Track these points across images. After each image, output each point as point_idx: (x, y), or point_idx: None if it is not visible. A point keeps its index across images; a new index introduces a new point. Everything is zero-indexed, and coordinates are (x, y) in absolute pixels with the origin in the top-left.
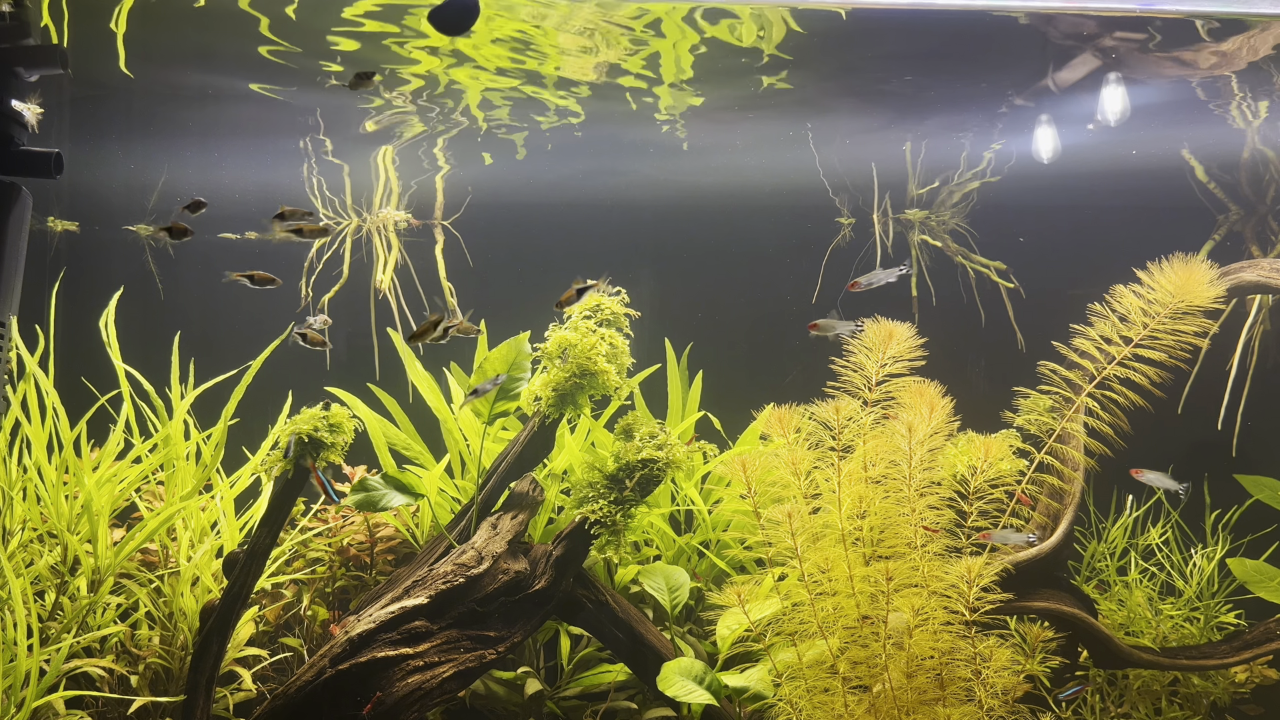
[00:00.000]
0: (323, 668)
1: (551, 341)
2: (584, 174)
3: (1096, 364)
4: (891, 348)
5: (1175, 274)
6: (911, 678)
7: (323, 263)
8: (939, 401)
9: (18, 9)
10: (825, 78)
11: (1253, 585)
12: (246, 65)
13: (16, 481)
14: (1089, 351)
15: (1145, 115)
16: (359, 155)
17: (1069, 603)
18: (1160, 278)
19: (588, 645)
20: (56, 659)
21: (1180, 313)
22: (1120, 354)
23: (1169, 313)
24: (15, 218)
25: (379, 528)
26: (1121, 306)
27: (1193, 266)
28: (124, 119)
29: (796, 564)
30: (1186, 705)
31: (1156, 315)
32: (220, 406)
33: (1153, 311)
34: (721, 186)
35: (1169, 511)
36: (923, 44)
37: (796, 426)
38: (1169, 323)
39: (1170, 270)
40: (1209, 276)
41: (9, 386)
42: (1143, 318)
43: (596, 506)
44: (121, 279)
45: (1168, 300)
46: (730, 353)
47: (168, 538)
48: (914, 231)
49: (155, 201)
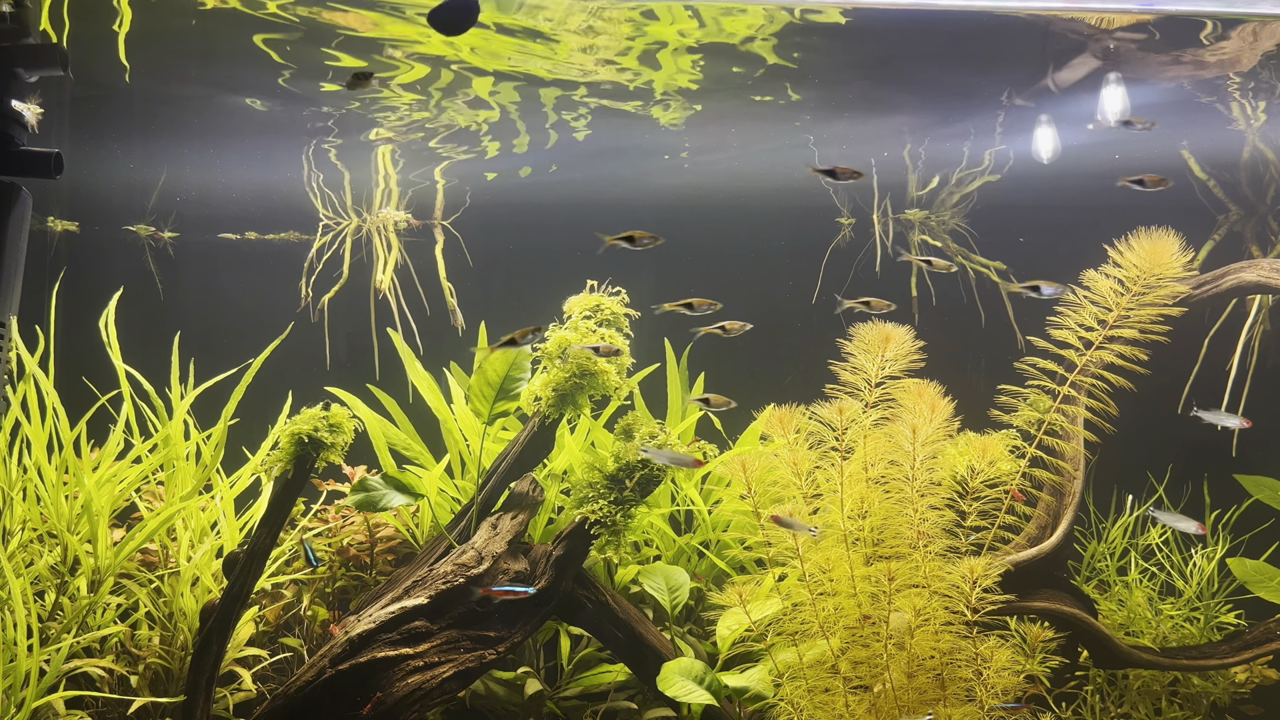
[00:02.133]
0: (323, 668)
1: (551, 341)
2: (584, 174)
3: (1082, 354)
4: (890, 349)
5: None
6: (912, 678)
7: (323, 263)
8: (940, 402)
9: (18, 9)
10: (825, 77)
11: (1253, 585)
12: (247, 66)
13: (16, 481)
14: (1074, 344)
15: (1145, 115)
16: (359, 155)
17: (1069, 603)
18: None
19: (588, 645)
20: (56, 659)
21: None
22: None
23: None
24: (15, 218)
25: (379, 528)
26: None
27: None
28: (124, 119)
29: (798, 564)
30: (1186, 705)
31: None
32: (220, 406)
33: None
34: (721, 186)
35: (1168, 511)
36: (923, 44)
37: (796, 427)
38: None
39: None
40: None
41: (9, 386)
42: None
43: (596, 506)
44: (121, 279)
45: (1138, 278)
46: (730, 353)
47: (168, 538)
48: (914, 231)
49: (155, 201)
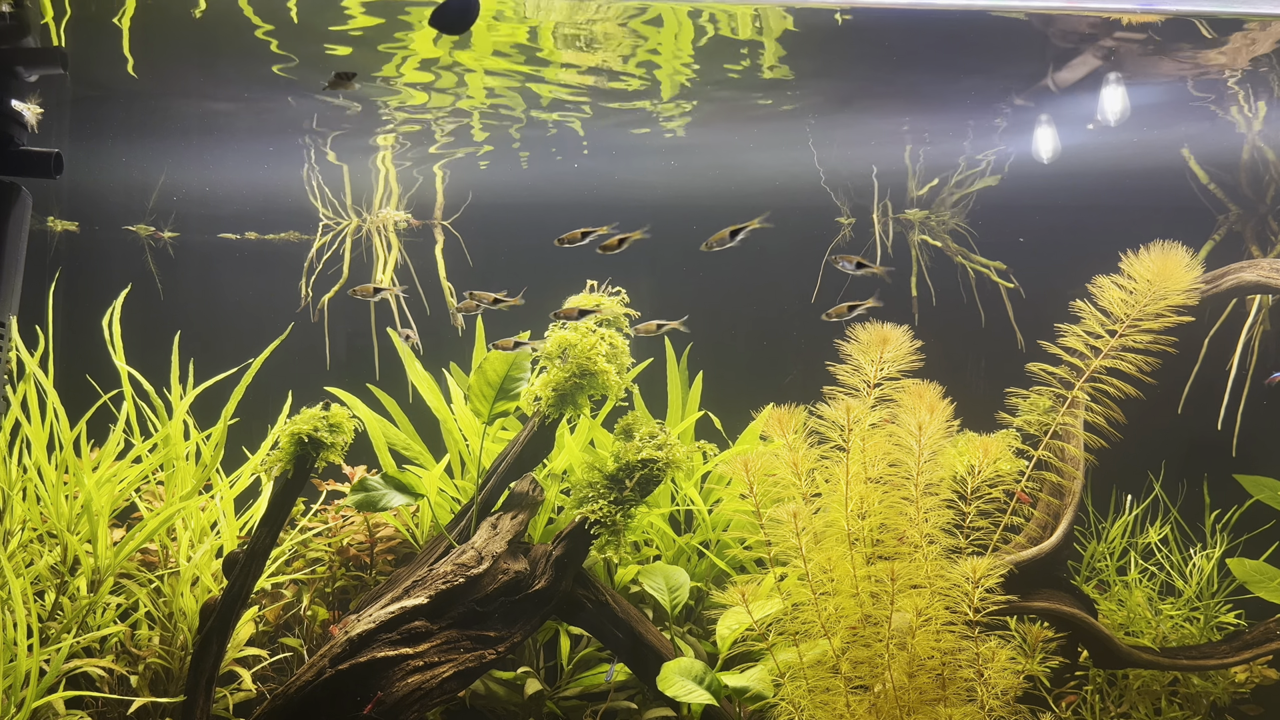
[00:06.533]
0: (323, 668)
1: (551, 341)
2: (585, 174)
3: (1087, 360)
4: (889, 350)
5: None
6: (913, 677)
7: (322, 262)
8: (940, 403)
9: (18, 9)
10: (825, 77)
11: (1253, 585)
12: (247, 66)
13: (16, 481)
14: (1080, 349)
15: (1145, 115)
16: (359, 156)
17: (1069, 603)
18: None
19: (588, 645)
20: (56, 659)
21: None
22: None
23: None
24: (15, 218)
25: (379, 528)
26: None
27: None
28: (124, 119)
29: (799, 563)
30: (1186, 705)
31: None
32: (220, 406)
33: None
34: (721, 186)
35: (1168, 511)
36: (923, 44)
37: (796, 427)
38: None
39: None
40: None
41: (9, 386)
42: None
43: (596, 506)
44: (121, 279)
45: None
46: (730, 353)
47: (168, 538)
48: (914, 231)
49: (155, 201)
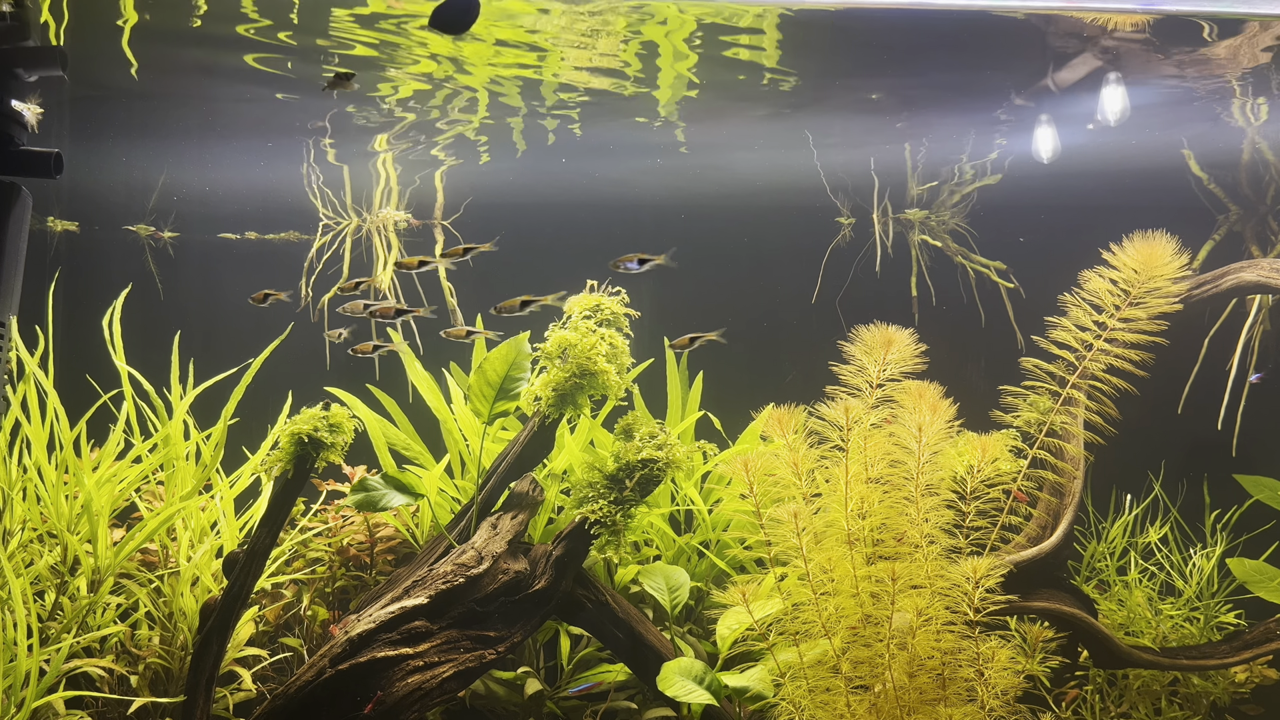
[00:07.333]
0: (323, 668)
1: (551, 341)
2: (584, 174)
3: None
4: (892, 352)
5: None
6: (913, 677)
7: (322, 262)
8: (941, 403)
9: (18, 9)
10: (824, 77)
11: (1253, 585)
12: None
13: (16, 481)
14: (1073, 344)
15: (1145, 115)
16: (358, 156)
17: (1069, 603)
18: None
19: (588, 645)
20: (56, 659)
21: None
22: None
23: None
24: (15, 218)
25: (379, 528)
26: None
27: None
28: (124, 119)
29: (800, 563)
30: (1186, 705)
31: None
32: (220, 406)
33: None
34: (721, 186)
35: (1168, 511)
36: (922, 44)
37: (796, 427)
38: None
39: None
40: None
41: (9, 386)
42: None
43: (596, 506)
44: (121, 279)
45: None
46: (730, 353)
47: (168, 538)
48: (914, 231)
49: (155, 201)
